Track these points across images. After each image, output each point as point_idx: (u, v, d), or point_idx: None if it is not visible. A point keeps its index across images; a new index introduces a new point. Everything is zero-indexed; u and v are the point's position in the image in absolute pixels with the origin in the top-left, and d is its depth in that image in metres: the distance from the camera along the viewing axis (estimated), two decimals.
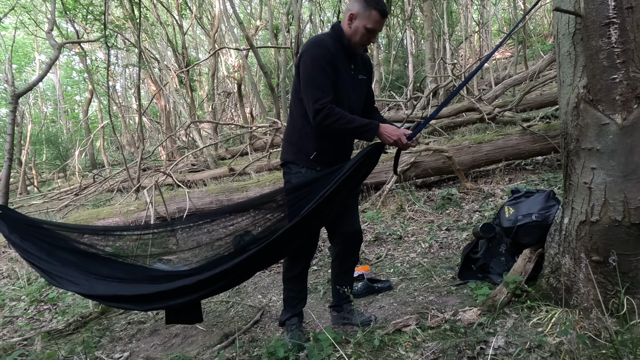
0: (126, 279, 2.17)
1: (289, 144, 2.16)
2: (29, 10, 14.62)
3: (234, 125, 13.13)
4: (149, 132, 21.89)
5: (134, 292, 2.10)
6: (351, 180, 1.99)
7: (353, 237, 2.32)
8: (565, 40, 1.96)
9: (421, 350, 1.88)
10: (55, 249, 2.21)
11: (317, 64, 1.93)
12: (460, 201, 4.44)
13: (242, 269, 2.07)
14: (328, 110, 1.90)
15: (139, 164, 7.14)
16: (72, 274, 2.13)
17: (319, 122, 1.94)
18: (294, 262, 2.23)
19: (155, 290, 2.07)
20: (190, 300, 2.10)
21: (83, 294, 2.21)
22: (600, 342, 1.71)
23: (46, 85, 26.20)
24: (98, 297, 2.16)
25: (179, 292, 2.05)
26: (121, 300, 2.12)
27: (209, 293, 2.14)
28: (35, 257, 2.14)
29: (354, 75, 2.09)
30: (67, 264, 2.16)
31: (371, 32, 1.95)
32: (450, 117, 8.34)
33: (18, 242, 2.16)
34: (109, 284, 2.13)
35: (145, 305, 2.13)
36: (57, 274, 2.12)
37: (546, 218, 2.29)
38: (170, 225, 2.56)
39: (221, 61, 17.61)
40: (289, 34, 12.03)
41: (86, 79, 19.08)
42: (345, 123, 1.92)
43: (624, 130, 1.76)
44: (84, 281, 2.11)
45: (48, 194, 11.00)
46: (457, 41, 17.22)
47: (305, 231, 2.03)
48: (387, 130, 1.96)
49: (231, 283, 2.21)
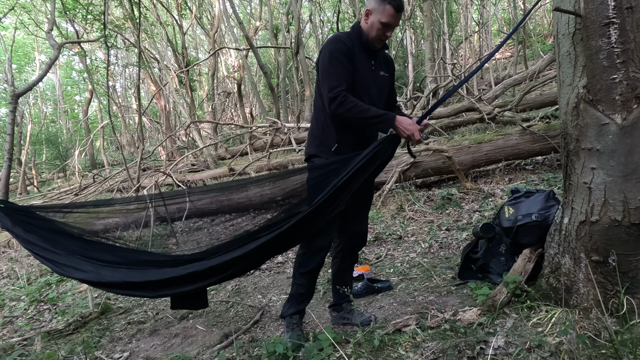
0: (133, 265, 2.14)
1: (312, 137, 2.19)
2: (29, 10, 14.62)
3: (234, 125, 13.13)
4: (149, 132, 21.89)
5: (143, 278, 2.08)
6: (365, 171, 1.97)
7: (357, 238, 2.33)
8: (565, 40, 1.96)
9: (421, 350, 1.88)
10: (59, 237, 2.20)
11: (333, 56, 1.99)
12: (460, 201, 4.44)
13: (255, 256, 2.04)
14: (342, 98, 1.93)
15: (139, 164, 7.14)
16: (77, 262, 2.11)
17: (333, 110, 1.97)
18: (308, 258, 2.16)
19: (164, 277, 2.04)
20: (201, 287, 2.08)
21: (90, 282, 2.17)
22: (600, 342, 1.71)
23: (46, 85, 26.21)
24: (106, 284, 2.12)
25: (189, 278, 2.02)
26: (130, 287, 2.10)
27: (220, 280, 2.12)
28: (40, 247, 2.13)
29: (375, 71, 2.11)
30: (72, 252, 2.14)
31: (386, 26, 1.98)
32: (450, 117, 8.34)
33: (22, 234, 2.15)
34: (116, 270, 2.10)
35: (154, 292, 2.11)
36: (63, 262, 2.11)
37: (546, 218, 2.29)
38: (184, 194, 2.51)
39: (221, 61, 17.62)
40: (288, 34, 12.04)
41: (86, 79, 19.10)
42: (360, 112, 1.94)
43: (624, 130, 1.76)
44: (91, 268, 2.09)
45: (48, 194, 11.00)
46: (457, 41, 17.23)
47: (318, 219, 1.99)
48: (403, 123, 1.96)
49: (243, 269, 2.18)
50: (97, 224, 2.46)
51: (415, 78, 12.36)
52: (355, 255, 2.44)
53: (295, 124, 9.39)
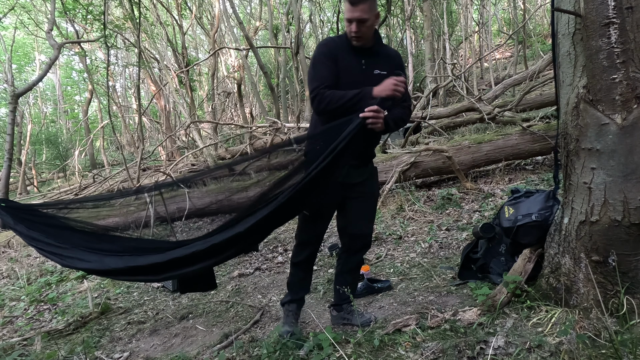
0: (137, 252, 2.17)
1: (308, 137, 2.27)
2: (29, 10, 14.61)
3: (234, 125, 13.12)
4: (149, 132, 21.88)
5: (147, 262, 2.09)
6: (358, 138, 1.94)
7: (358, 240, 2.30)
8: (565, 40, 1.96)
9: (421, 350, 1.88)
10: (62, 232, 2.22)
11: (315, 60, 2.08)
12: (460, 201, 4.44)
13: (255, 232, 2.07)
14: (320, 96, 1.99)
15: (139, 164, 7.14)
16: (81, 254, 2.14)
17: (316, 109, 2.04)
18: (299, 249, 2.31)
19: (168, 258, 2.04)
20: (206, 266, 2.12)
21: (95, 271, 2.22)
22: (600, 342, 1.71)
23: (46, 85, 26.20)
24: (111, 271, 2.15)
25: (193, 258, 2.03)
26: (135, 272, 2.12)
27: (224, 258, 2.16)
28: (44, 243, 2.16)
29: (367, 70, 2.09)
30: (76, 244, 2.17)
31: (349, 21, 2.00)
32: (450, 117, 8.35)
33: (25, 231, 2.17)
34: (120, 257, 2.13)
35: (160, 275, 2.15)
36: (67, 254, 2.13)
37: (546, 218, 2.29)
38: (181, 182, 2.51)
39: (221, 61, 17.61)
40: (288, 34, 12.04)
41: (86, 79, 19.10)
42: (339, 100, 1.96)
43: (624, 130, 1.76)
44: (94, 258, 2.12)
45: (48, 194, 11.00)
46: (457, 41, 17.23)
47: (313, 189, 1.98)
48: (379, 87, 1.95)
49: (245, 248, 2.26)
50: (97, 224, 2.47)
51: (415, 78, 12.37)
52: (360, 258, 2.39)
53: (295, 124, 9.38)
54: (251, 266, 3.73)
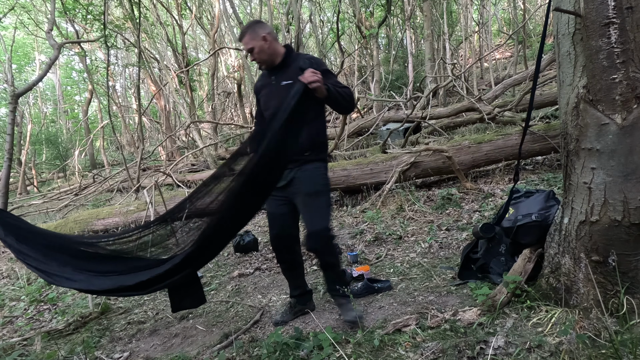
0: (124, 273, 2.22)
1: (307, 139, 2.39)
2: (29, 10, 14.61)
3: (234, 125, 13.13)
4: (149, 132, 21.89)
5: (134, 281, 2.16)
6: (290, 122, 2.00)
7: (310, 239, 2.27)
8: (565, 40, 1.96)
9: (421, 350, 1.88)
10: (51, 250, 2.25)
11: None
12: (460, 201, 4.44)
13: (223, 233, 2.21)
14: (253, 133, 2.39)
15: (139, 164, 7.15)
16: (69, 272, 2.18)
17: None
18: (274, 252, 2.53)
19: (152, 275, 2.15)
20: (188, 275, 2.19)
21: (81, 290, 2.30)
22: (600, 342, 1.71)
23: (46, 85, 26.21)
24: (97, 291, 2.23)
25: (173, 270, 2.14)
26: (122, 290, 2.20)
27: (202, 263, 2.32)
28: (32, 258, 2.18)
29: (275, 84, 2.31)
30: (63, 264, 2.20)
31: (246, 51, 2.29)
32: (450, 117, 8.35)
33: (14, 244, 2.20)
34: (108, 277, 2.19)
35: (146, 289, 2.22)
36: (54, 272, 2.16)
37: (546, 218, 2.29)
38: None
39: (221, 61, 17.62)
40: (288, 34, 12.02)
41: (86, 79, 19.10)
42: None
43: (624, 130, 1.76)
44: (81, 277, 2.16)
45: (48, 194, 11.01)
46: (457, 41, 17.23)
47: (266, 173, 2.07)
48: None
49: (220, 248, 2.35)
50: (97, 224, 2.47)
51: (415, 78, 12.37)
52: (328, 254, 2.32)
53: None
54: (251, 266, 3.73)
